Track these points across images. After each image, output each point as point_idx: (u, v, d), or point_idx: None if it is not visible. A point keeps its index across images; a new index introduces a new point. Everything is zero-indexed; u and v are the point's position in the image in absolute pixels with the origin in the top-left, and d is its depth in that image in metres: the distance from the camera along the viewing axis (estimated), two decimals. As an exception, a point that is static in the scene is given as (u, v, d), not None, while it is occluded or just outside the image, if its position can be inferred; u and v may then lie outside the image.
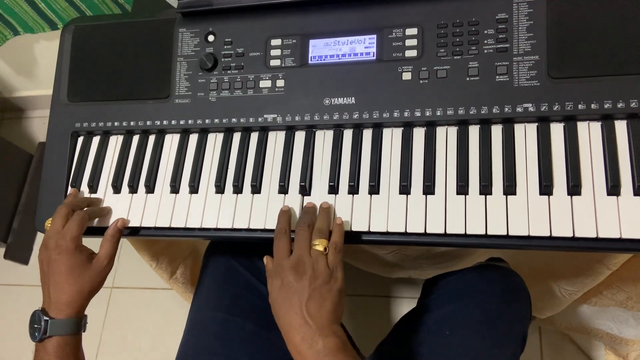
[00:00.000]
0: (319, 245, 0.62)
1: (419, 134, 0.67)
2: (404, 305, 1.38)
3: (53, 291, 0.66)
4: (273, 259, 0.65)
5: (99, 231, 0.73)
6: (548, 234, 0.59)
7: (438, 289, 0.84)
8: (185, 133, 0.76)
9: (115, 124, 0.77)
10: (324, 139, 0.71)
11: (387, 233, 0.65)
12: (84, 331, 0.68)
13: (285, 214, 0.66)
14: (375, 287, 1.40)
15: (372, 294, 1.40)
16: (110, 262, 0.70)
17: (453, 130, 0.66)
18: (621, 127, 0.61)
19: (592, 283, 0.84)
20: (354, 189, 0.67)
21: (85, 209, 0.72)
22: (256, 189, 0.70)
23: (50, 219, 0.70)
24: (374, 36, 0.70)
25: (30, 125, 1.88)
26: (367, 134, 0.69)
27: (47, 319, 0.65)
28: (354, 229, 0.65)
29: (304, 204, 0.68)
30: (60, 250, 0.66)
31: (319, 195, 0.68)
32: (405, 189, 0.65)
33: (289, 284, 0.59)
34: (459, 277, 0.83)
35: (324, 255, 0.61)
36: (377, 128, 0.69)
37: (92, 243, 0.72)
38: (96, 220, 0.74)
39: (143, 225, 0.73)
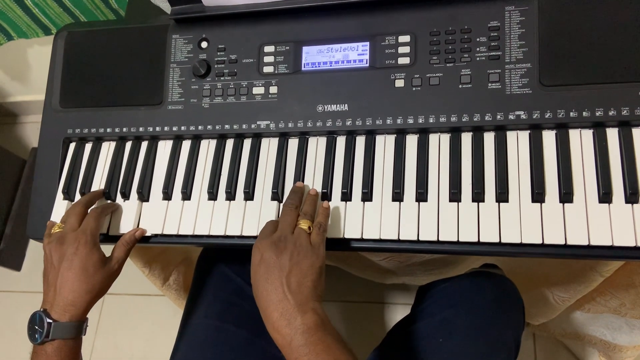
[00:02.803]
0: (303, 225, 0.61)
1: (411, 141, 0.67)
2: (398, 311, 1.37)
3: (60, 289, 0.64)
4: None
5: (110, 239, 0.73)
6: (540, 242, 0.59)
7: (432, 296, 0.84)
8: (178, 139, 0.76)
9: (108, 130, 0.77)
10: (317, 146, 0.71)
11: (380, 240, 0.65)
12: (84, 335, 0.67)
13: None
14: (369, 294, 1.39)
15: (366, 300, 1.40)
16: (119, 268, 0.69)
17: (446, 138, 0.66)
18: (613, 135, 0.61)
19: (585, 290, 0.85)
20: (346, 196, 0.67)
21: (102, 205, 0.72)
22: (249, 195, 0.70)
23: (58, 224, 0.69)
24: (367, 43, 0.70)
25: (23, 131, 1.88)
26: (360, 141, 0.69)
27: (51, 321, 0.63)
28: (347, 235, 0.65)
29: (295, 183, 0.68)
30: (79, 244, 0.65)
31: (312, 202, 0.68)
32: (398, 196, 0.65)
33: (269, 259, 0.58)
34: (453, 284, 0.83)
35: (306, 232, 0.60)
36: (370, 135, 0.69)
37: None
38: (107, 226, 0.74)
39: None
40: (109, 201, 0.75)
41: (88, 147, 0.79)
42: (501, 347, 0.75)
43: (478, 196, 0.62)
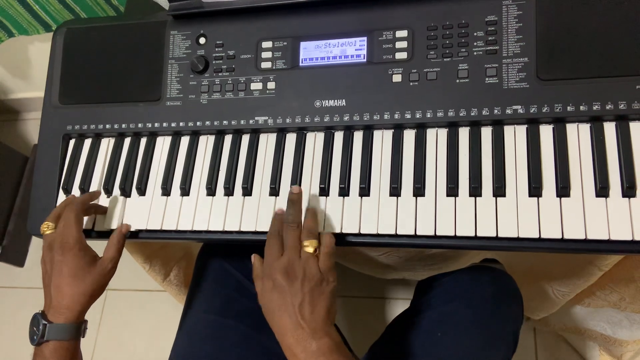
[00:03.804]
0: (309, 247, 0.61)
1: (409, 136, 0.67)
2: (398, 306, 1.38)
3: (55, 294, 0.65)
4: (262, 258, 0.64)
5: (103, 235, 0.73)
6: (537, 236, 0.59)
7: (431, 291, 0.84)
8: (176, 135, 0.76)
9: (107, 126, 0.77)
10: (314, 141, 0.71)
11: (378, 235, 0.65)
12: (83, 337, 0.67)
13: (280, 216, 0.66)
14: (368, 288, 1.40)
15: (366, 295, 1.40)
16: (113, 267, 0.69)
17: (443, 132, 0.66)
18: (610, 129, 0.61)
19: (585, 284, 0.85)
20: (344, 191, 0.67)
21: (77, 202, 0.70)
22: (247, 191, 0.70)
23: (46, 222, 0.69)
24: (365, 38, 0.70)
25: (25, 128, 1.88)
26: (358, 136, 0.69)
27: (46, 322, 0.64)
28: (345, 231, 0.65)
29: (290, 190, 0.67)
30: (64, 250, 0.65)
31: (310, 197, 0.68)
32: (395, 191, 0.65)
33: (281, 286, 0.59)
34: (452, 279, 0.83)
35: (314, 256, 0.61)
36: (368, 130, 0.69)
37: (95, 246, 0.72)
38: (99, 222, 0.74)
39: (135, 227, 0.73)
40: (107, 200, 0.75)
41: (87, 143, 0.79)
42: (500, 341, 0.75)
43: (475, 191, 0.62)
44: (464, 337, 0.74)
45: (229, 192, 0.71)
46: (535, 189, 0.60)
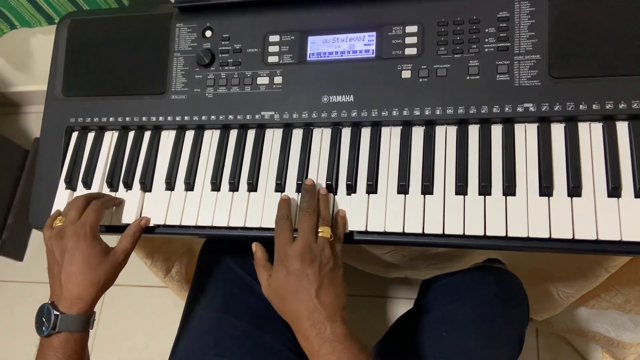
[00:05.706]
0: (325, 233, 0.62)
1: (418, 133, 0.66)
2: (401, 305, 1.37)
3: (65, 283, 0.64)
4: (264, 248, 0.64)
5: (113, 229, 0.73)
6: (547, 236, 0.58)
7: (435, 290, 0.83)
8: (181, 129, 0.75)
9: (111, 119, 0.76)
10: (321, 137, 0.70)
11: (385, 233, 0.64)
12: (91, 328, 0.66)
13: (286, 202, 0.66)
14: (372, 287, 1.39)
15: (369, 294, 1.39)
16: (125, 258, 0.68)
17: (452, 130, 0.65)
18: (622, 128, 0.60)
19: (591, 286, 0.84)
20: (351, 188, 0.66)
21: (105, 199, 0.70)
22: (252, 187, 0.69)
23: (59, 217, 0.68)
24: (374, 33, 0.69)
25: (26, 121, 1.87)
26: (366, 133, 0.68)
27: (58, 313, 0.62)
28: (351, 228, 0.65)
29: (304, 179, 0.67)
30: (79, 237, 0.64)
31: (316, 194, 0.67)
32: (403, 189, 0.64)
33: (297, 272, 0.59)
34: (456, 279, 0.82)
35: (329, 242, 0.61)
36: (376, 127, 0.68)
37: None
38: (110, 217, 0.73)
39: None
40: (112, 194, 0.74)
41: (91, 136, 0.78)
42: (504, 342, 0.74)
43: (485, 189, 0.61)
44: (469, 337, 0.74)
45: (234, 187, 0.70)
46: (546, 189, 0.60)
